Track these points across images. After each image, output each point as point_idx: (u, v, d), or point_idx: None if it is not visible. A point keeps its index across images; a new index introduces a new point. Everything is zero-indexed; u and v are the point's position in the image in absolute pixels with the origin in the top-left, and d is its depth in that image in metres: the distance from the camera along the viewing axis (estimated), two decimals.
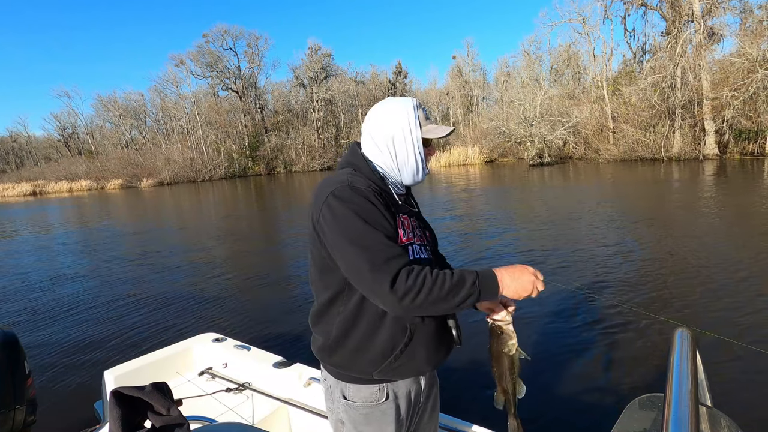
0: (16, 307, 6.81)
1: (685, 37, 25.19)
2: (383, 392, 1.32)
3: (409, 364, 1.30)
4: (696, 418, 0.73)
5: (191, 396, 2.46)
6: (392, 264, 1.11)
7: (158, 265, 9.04)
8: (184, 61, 49.84)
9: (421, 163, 1.35)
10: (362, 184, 1.23)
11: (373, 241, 1.14)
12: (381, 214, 1.20)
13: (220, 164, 46.54)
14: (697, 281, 5.62)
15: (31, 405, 2.36)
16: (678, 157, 24.84)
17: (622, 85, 30.07)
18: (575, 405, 3.24)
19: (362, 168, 1.32)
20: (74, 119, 61.11)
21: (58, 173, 51.64)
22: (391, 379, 1.32)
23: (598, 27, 36.10)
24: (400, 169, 1.35)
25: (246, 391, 2.49)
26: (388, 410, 1.32)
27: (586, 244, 7.97)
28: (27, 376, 2.37)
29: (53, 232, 16.15)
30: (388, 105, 1.38)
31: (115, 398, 1.19)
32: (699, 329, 4.07)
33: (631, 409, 1.10)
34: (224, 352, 2.78)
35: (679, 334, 1.01)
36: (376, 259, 1.11)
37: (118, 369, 2.57)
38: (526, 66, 42.52)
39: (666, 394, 0.80)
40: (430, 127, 1.36)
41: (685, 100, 25.00)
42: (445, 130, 1.37)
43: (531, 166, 28.84)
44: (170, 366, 2.74)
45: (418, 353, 1.30)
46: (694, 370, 0.87)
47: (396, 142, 1.33)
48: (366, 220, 1.16)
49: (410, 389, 1.37)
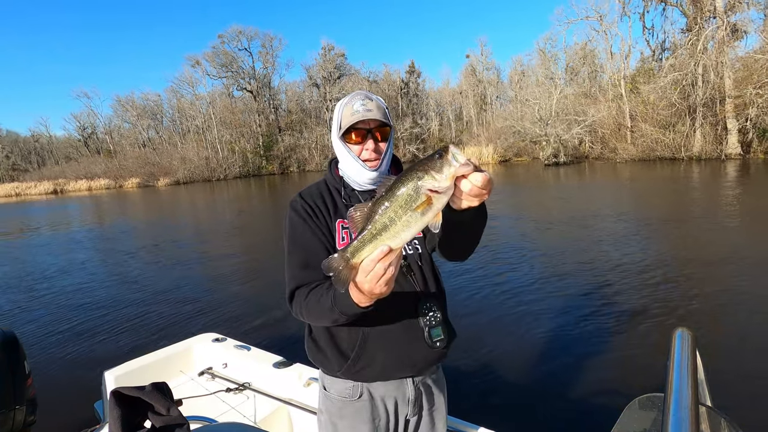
0: (15, 306, 6.88)
1: (707, 34, 24.53)
2: (357, 390, 1.32)
3: (372, 367, 1.29)
4: (696, 418, 0.72)
5: (191, 396, 2.44)
6: (290, 284, 1.27)
7: (162, 265, 9.14)
8: (200, 61, 50.66)
9: (357, 162, 1.30)
10: (307, 194, 1.36)
11: (289, 260, 1.30)
12: (308, 227, 1.30)
13: (234, 163, 47.07)
14: (702, 283, 5.59)
15: (31, 405, 2.35)
16: (699, 157, 24.23)
17: (641, 83, 29.48)
18: (575, 405, 3.24)
19: (326, 172, 1.43)
20: (93, 119, 62.58)
21: (77, 172, 52.91)
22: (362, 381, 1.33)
23: (616, 24, 35.43)
24: (346, 171, 1.36)
25: (246, 391, 2.48)
26: (363, 409, 1.32)
27: (595, 245, 7.89)
28: (27, 376, 2.36)
29: (66, 230, 16.48)
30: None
31: (115, 398, 1.20)
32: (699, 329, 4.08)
33: (631, 409, 1.08)
34: (224, 352, 2.77)
35: (679, 334, 0.99)
36: (287, 275, 1.29)
37: (118, 369, 2.56)
38: (541, 64, 41.98)
39: (666, 394, 0.80)
40: (347, 113, 1.29)
41: (706, 98, 24.37)
42: (354, 120, 1.25)
43: (546, 166, 28.50)
44: (170, 366, 2.74)
45: (378, 357, 1.29)
46: (694, 370, 0.86)
47: (334, 146, 1.36)
48: (291, 237, 1.31)
49: (392, 396, 1.34)
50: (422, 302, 1.31)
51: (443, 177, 0.80)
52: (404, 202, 0.83)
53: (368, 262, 0.90)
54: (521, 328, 4.66)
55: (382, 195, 0.86)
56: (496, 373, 3.79)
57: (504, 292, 5.81)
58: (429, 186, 0.81)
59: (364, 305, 1.03)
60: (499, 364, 3.94)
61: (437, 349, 1.31)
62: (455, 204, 0.87)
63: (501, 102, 51.60)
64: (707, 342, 3.88)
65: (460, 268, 6.70)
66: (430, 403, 1.41)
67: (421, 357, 1.31)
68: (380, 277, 0.91)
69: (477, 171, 0.82)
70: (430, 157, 0.83)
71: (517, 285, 6.08)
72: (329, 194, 1.36)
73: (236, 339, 2.90)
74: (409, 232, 0.86)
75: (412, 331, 1.29)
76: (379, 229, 0.86)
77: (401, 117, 50.08)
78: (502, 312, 5.17)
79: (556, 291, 5.70)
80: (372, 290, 0.95)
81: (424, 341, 1.29)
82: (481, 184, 0.82)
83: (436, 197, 0.82)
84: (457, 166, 0.80)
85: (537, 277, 6.35)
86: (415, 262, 1.35)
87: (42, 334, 5.46)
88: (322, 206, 1.33)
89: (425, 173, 0.81)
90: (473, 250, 1.26)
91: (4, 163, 69.29)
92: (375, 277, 0.92)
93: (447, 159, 0.80)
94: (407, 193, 0.83)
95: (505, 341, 4.41)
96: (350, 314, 1.09)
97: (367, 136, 1.28)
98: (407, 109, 51.76)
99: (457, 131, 52.08)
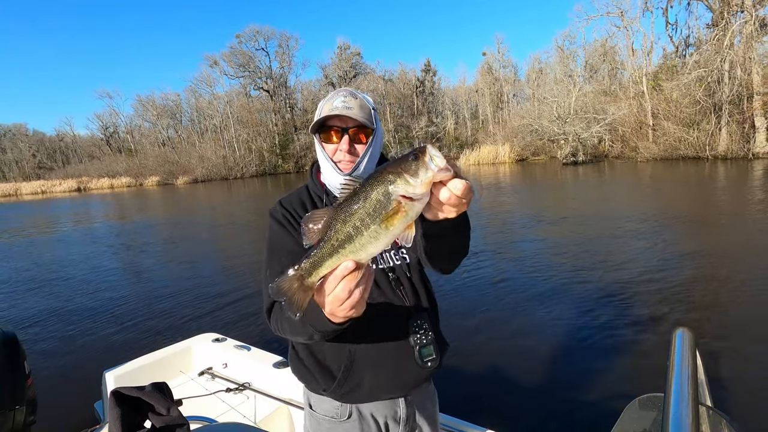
0: (16, 306, 6.94)
1: (734, 29, 23.69)
2: (345, 410, 1.23)
3: (360, 388, 1.20)
4: (696, 418, 0.73)
5: (191, 396, 2.44)
6: (268, 301, 1.17)
7: (167, 264, 9.22)
8: (218, 61, 51.41)
9: (328, 163, 1.21)
10: (287, 202, 1.27)
11: (267, 271, 1.20)
12: (289, 236, 1.20)
13: (251, 162, 47.66)
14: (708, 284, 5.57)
15: (31, 405, 2.35)
16: (724, 156, 23.44)
17: (664, 80, 28.66)
18: (575, 405, 3.24)
19: (308, 178, 1.35)
20: (115, 119, 64.12)
21: (100, 170, 54.41)
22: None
23: (638, 20, 34.45)
24: (324, 174, 1.27)
25: (246, 391, 2.48)
26: (352, 430, 1.24)
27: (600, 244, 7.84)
28: (27, 376, 2.36)
29: (82, 227, 16.87)
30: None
31: (115, 398, 1.22)
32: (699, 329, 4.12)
33: (631, 409, 1.09)
34: (224, 352, 2.76)
35: (679, 334, 0.99)
36: (264, 290, 1.17)
37: (118, 369, 2.56)
38: (559, 62, 41.25)
39: (666, 394, 0.80)
40: (326, 108, 1.18)
41: (733, 96, 23.55)
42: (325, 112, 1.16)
43: (564, 165, 28.00)
44: (170, 366, 2.73)
45: (366, 378, 1.19)
46: (694, 370, 0.87)
47: (315, 148, 1.27)
48: (270, 247, 1.22)
49: (383, 414, 1.25)
50: (413, 319, 1.21)
51: (418, 182, 0.67)
52: (372, 209, 0.69)
53: (329, 283, 0.75)
54: (521, 328, 4.64)
55: (344, 200, 0.71)
56: (495, 373, 3.78)
57: (503, 292, 5.79)
58: (401, 192, 0.68)
59: (339, 322, 0.88)
60: (499, 364, 3.92)
61: (428, 369, 1.22)
62: (430, 214, 0.74)
63: (518, 100, 50.92)
64: (707, 342, 3.89)
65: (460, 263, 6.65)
66: (423, 417, 1.33)
67: (411, 378, 1.22)
68: (343, 301, 0.76)
69: (457, 177, 0.69)
70: (404, 157, 0.69)
71: (517, 284, 6.05)
72: (311, 202, 1.28)
73: (236, 339, 2.88)
74: (376, 245, 0.71)
75: (401, 350, 1.20)
76: (342, 240, 0.71)
77: (416, 116, 49.90)
78: (501, 311, 5.14)
79: (556, 291, 5.68)
80: (334, 313, 0.81)
81: (414, 361, 1.20)
82: (461, 192, 0.69)
83: (409, 205, 0.69)
84: (435, 170, 0.67)
85: (537, 277, 6.30)
86: (404, 273, 1.24)
87: (42, 334, 5.51)
88: (303, 214, 1.17)
89: (398, 176, 0.68)
90: (458, 264, 1.13)
91: (31, 162, 71.66)
92: (336, 300, 0.76)
93: (423, 161, 0.67)
94: (376, 198, 0.69)
95: (505, 341, 4.38)
96: (324, 331, 0.94)
97: (342, 135, 1.17)
98: (423, 108, 51.48)
99: (472, 130, 51.60)
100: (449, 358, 1.32)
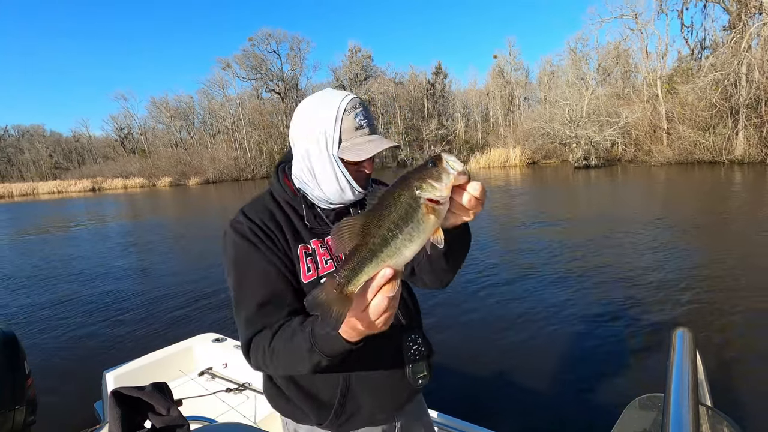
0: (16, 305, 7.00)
1: (752, 31, 23.22)
2: None
3: (358, 414, 1.12)
4: (696, 418, 0.73)
5: (191, 396, 2.44)
6: (247, 330, 1.03)
7: (169, 263, 9.25)
8: (230, 64, 51.93)
9: (345, 183, 1.05)
10: (252, 212, 1.09)
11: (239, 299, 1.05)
12: (261, 255, 1.04)
13: (262, 164, 48.05)
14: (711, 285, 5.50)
15: (31, 405, 2.34)
16: (741, 160, 22.95)
17: (678, 84, 28.20)
18: (575, 405, 3.25)
19: (273, 184, 1.16)
20: (130, 120, 65.09)
21: (114, 171, 55.36)
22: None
23: (652, 22, 33.97)
24: (321, 188, 1.08)
25: (246, 391, 2.47)
26: None
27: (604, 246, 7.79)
28: (27, 376, 2.35)
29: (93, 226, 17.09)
30: (310, 105, 1.08)
31: (115, 398, 1.21)
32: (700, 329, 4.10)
33: (631, 409, 1.09)
34: (224, 352, 2.75)
35: (679, 334, 0.99)
36: (239, 320, 1.05)
37: (118, 369, 2.56)
38: (571, 64, 40.81)
39: (666, 394, 0.80)
40: (357, 141, 1.03)
41: (750, 99, 23.09)
42: (372, 149, 1.02)
43: (576, 168, 27.69)
44: (170, 366, 2.73)
45: (365, 403, 1.11)
46: (694, 370, 0.87)
47: (312, 157, 1.06)
48: (239, 270, 1.05)
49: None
50: (406, 334, 1.15)
51: (443, 185, 0.69)
52: (404, 212, 0.68)
53: (370, 291, 0.71)
54: (521, 328, 4.61)
55: (373, 207, 0.70)
56: (495, 373, 3.76)
57: (503, 292, 5.76)
58: (428, 195, 0.69)
59: (355, 340, 0.83)
60: (499, 364, 3.90)
61: (420, 386, 1.17)
62: (448, 220, 0.73)
63: (529, 103, 50.54)
64: (707, 342, 3.91)
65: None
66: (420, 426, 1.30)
67: (405, 395, 1.18)
68: (381, 312, 0.72)
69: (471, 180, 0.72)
70: (422, 165, 0.71)
71: (517, 284, 6.02)
72: (281, 212, 1.11)
73: (236, 339, 2.84)
74: (410, 249, 0.71)
75: (395, 368, 1.14)
76: (378, 244, 0.69)
77: (427, 118, 49.81)
78: (501, 312, 5.11)
79: (556, 291, 5.65)
80: (371, 328, 0.76)
81: (406, 378, 1.14)
82: (479, 193, 0.71)
83: (437, 208, 0.69)
84: (455, 174, 0.69)
85: (537, 277, 6.26)
86: None
87: (42, 334, 5.54)
88: (275, 228, 1.07)
89: (422, 182, 0.69)
90: (453, 278, 1.10)
91: (48, 162, 73.04)
92: (377, 311, 0.72)
93: (443, 167, 0.69)
94: (406, 203, 0.69)
95: (505, 341, 4.35)
96: (336, 354, 0.87)
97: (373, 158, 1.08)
98: (433, 111, 51.37)
99: (483, 132, 51.33)
100: (449, 358, 1.29)
